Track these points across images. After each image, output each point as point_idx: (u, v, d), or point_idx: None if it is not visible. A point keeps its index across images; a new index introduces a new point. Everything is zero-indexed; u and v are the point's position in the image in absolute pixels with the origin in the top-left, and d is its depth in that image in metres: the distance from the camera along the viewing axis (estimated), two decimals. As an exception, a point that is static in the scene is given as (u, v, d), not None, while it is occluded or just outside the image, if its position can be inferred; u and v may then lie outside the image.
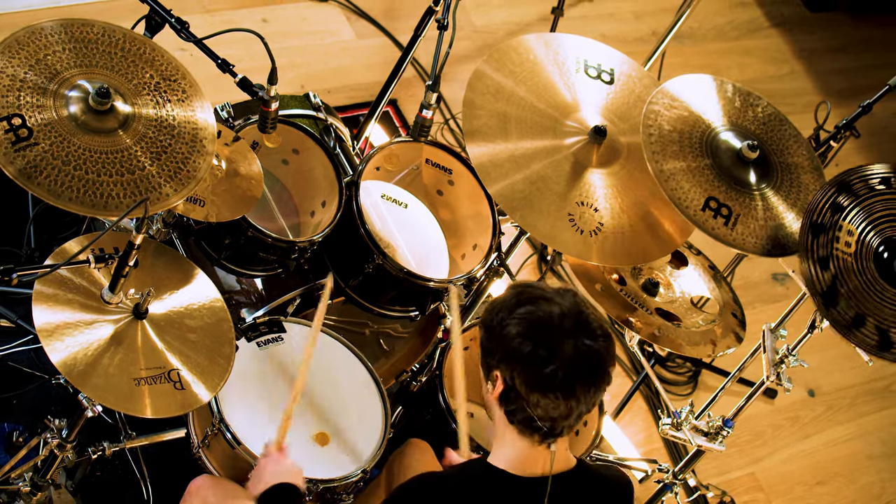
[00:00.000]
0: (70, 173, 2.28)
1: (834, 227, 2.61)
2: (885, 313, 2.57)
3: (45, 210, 3.38)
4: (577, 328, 2.02)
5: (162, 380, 2.39)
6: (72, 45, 2.43)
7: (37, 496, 2.74)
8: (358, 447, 2.75)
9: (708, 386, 4.03)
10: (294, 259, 2.90)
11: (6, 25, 3.81)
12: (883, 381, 4.37)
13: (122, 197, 2.32)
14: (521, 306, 2.04)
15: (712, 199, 2.72)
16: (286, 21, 4.37)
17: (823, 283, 2.55)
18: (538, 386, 2.01)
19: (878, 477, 4.12)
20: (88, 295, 2.40)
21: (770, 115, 2.95)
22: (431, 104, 2.97)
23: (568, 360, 2.00)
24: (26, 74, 2.34)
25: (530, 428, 2.06)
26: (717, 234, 2.69)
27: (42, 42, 2.40)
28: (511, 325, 2.03)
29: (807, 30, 5.46)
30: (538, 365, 2.00)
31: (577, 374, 2.01)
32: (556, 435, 2.08)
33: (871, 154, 5.03)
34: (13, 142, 2.26)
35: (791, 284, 4.43)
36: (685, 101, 2.85)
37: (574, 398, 2.02)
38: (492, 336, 2.07)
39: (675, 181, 2.70)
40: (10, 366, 3.14)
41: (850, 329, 2.54)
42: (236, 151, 2.81)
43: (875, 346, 2.55)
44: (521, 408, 2.05)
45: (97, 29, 2.48)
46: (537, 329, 2.02)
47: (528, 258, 4.09)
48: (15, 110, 2.30)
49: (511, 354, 2.03)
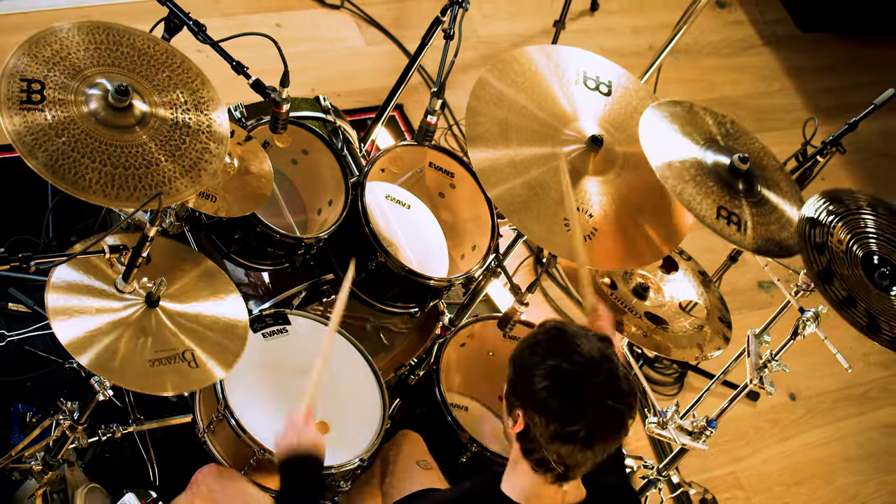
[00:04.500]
0: (88, 165, 2.28)
1: (829, 224, 2.62)
2: (872, 301, 2.56)
3: (63, 200, 3.38)
4: (604, 387, 1.97)
5: (176, 360, 2.39)
6: (93, 45, 2.43)
7: (48, 475, 2.74)
8: (356, 437, 2.75)
9: (693, 387, 4.03)
10: (300, 255, 2.90)
11: (31, 24, 3.81)
12: (861, 387, 4.37)
13: (137, 190, 2.32)
14: (552, 356, 1.99)
15: (722, 209, 2.71)
16: (299, 27, 4.37)
17: (820, 264, 2.55)
18: (558, 439, 1.98)
19: (854, 479, 4.12)
20: (103, 283, 2.41)
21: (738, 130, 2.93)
22: (436, 110, 2.97)
23: (591, 421, 1.96)
24: (50, 70, 2.34)
25: (545, 467, 2.03)
26: (734, 240, 2.67)
27: (65, 41, 2.40)
28: (539, 376, 1.98)
29: (797, 49, 5.46)
30: (562, 422, 1.96)
31: (599, 433, 1.98)
32: (570, 478, 2.05)
33: (857, 169, 5.03)
34: (22, 101, 2.27)
35: (776, 292, 4.43)
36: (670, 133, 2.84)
37: (592, 451, 1.99)
38: (519, 379, 2.03)
39: (686, 193, 2.68)
40: (26, 349, 3.15)
41: (842, 307, 2.53)
42: (248, 150, 2.81)
43: (865, 328, 2.54)
44: (538, 449, 2.02)
45: (119, 31, 2.49)
46: (565, 386, 1.97)
47: (524, 260, 4.09)
48: (41, 78, 2.31)
49: (536, 405, 1.98)
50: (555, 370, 1.98)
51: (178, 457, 3.03)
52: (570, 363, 1.97)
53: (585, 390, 1.96)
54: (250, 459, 2.62)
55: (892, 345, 2.55)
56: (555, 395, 1.97)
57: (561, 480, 2.05)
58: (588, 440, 1.97)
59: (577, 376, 1.97)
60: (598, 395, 1.97)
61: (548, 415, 1.97)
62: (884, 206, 2.72)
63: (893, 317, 2.57)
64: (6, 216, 3.40)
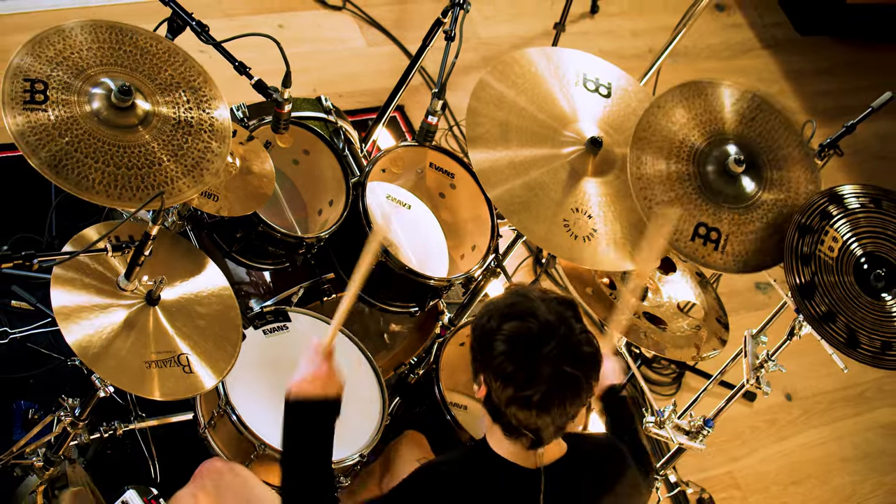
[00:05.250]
0: (91, 165, 2.28)
1: (820, 230, 2.61)
2: (857, 315, 2.57)
3: (66, 199, 3.38)
4: (560, 351, 1.96)
5: (171, 363, 2.39)
6: (97, 45, 2.43)
7: (49, 471, 2.74)
8: (356, 433, 2.75)
9: (691, 387, 4.03)
10: (301, 254, 2.90)
11: (34, 23, 3.81)
12: (857, 387, 4.37)
13: (140, 190, 2.32)
14: (509, 319, 1.99)
15: (701, 226, 2.71)
16: (301, 27, 4.37)
17: (802, 276, 2.55)
18: (514, 403, 1.98)
19: (850, 479, 4.12)
20: (104, 280, 2.41)
21: (758, 105, 2.91)
22: (437, 111, 2.98)
23: (545, 384, 1.96)
24: (53, 70, 2.34)
25: (515, 433, 2.03)
26: (707, 262, 2.68)
27: (69, 41, 2.40)
28: (498, 341, 1.98)
29: (796, 52, 5.46)
30: (516, 387, 1.97)
31: (553, 397, 1.97)
32: (543, 444, 2.05)
33: (854, 172, 5.03)
34: (25, 100, 2.27)
35: (773, 293, 4.43)
36: (667, 123, 2.83)
37: (549, 415, 1.99)
38: (480, 344, 2.03)
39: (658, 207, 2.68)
40: (29, 346, 3.15)
41: (820, 323, 2.53)
42: (250, 150, 2.82)
43: (843, 343, 2.54)
44: (503, 415, 2.02)
45: (122, 30, 2.49)
46: (520, 350, 1.97)
47: (523, 260, 4.09)
48: (44, 78, 2.31)
49: (493, 369, 1.99)
50: (510, 335, 1.97)
51: (179, 453, 3.03)
52: (526, 328, 1.97)
53: (540, 355, 1.95)
54: (251, 455, 2.62)
55: (872, 360, 2.55)
56: (510, 359, 1.96)
57: (535, 446, 2.04)
58: (543, 404, 1.96)
59: (532, 340, 1.96)
60: (553, 360, 1.95)
61: (503, 379, 1.97)
62: (888, 200, 2.71)
63: (877, 327, 2.57)
64: (10, 214, 3.40)
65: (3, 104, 2.25)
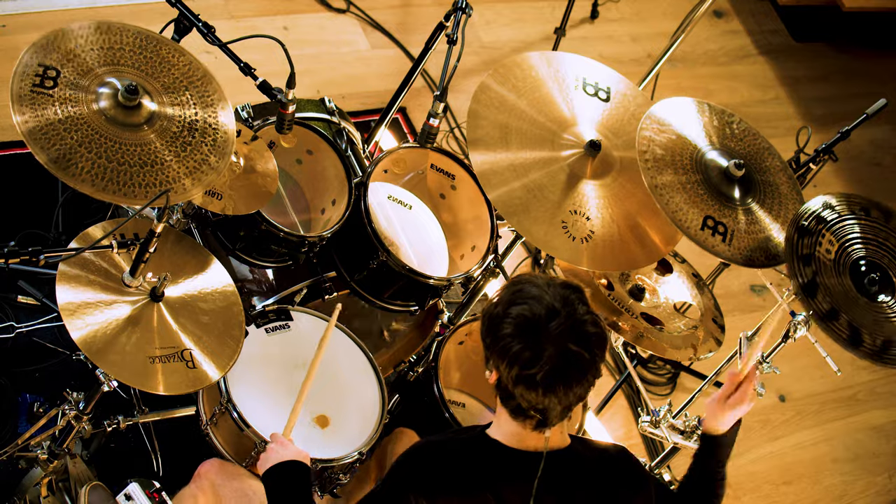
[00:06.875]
0: (96, 163, 2.28)
1: (818, 233, 2.61)
2: (856, 313, 2.56)
3: (73, 196, 3.38)
4: (565, 331, 2.01)
5: (175, 359, 2.39)
6: (105, 44, 2.43)
7: (53, 463, 2.74)
8: (356, 431, 2.75)
9: (686, 387, 4.03)
10: (304, 253, 2.90)
11: (44, 23, 3.81)
12: (850, 389, 4.37)
13: (145, 187, 2.32)
14: (515, 305, 2.05)
15: (709, 218, 2.71)
16: (306, 30, 4.37)
17: (805, 276, 2.55)
18: (521, 382, 2.03)
19: (842, 479, 4.12)
20: (109, 277, 2.40)
21: (744, 130, 2.94)
22: (438, 113, 2.97)
23: (550, 364, 2.00)
24: (62, 68, 2.34)
25: (523, 415, 2.08)
26: (717, 252, 2.68)
27: (77, 40, 2.40)
28: (505, 324, 2.04)
29: (792, 58, 5.46)
30: (521, 366, 2.01)
31: (558, 376, 2.01)
32: (549, 425, 2.09)
33: (848, 177, 5.03)
34: (35, 84, 2.28)
35: (768, 296, 4.43)
36: (672, 124, 2.83)
37: (555, 395, 2.03)
38: (489, 329, 2.08)
39: (673, 203, 2.69)
40: (35, 341, 3.15)
41: (824, 320, 2.53)
42: (254, 150, 2.81)
43: (846, 341, 2.54)
44: (511, 395, 2.06)
45: (130, 31, 2.48)
46: (525, 330, 2.02)
47: (522, 261, 4.08)
48: (58, 66, 2.32)
49: (501, 351, 2.04)
50: (517, 319, 2.03)
51: (181, 448, 3.04)
52: (532, 310, 2.02)
53: (544, 334, 2.00)
54: (251, 452, 2.62)
55: (872, 358, 2.55)
56: (516, 339, 2.02)
57: (541, 427, 2.09)
58: (548, 383, 2.01)
59: (537, 321, 2.01)
60: (557, 339, 2.00)
61: (510, 360, 2.02)
62: (878, 210, 2.72)
63: (876, 327, 2.56)
64: (17, 211, 3.40)
65: (12, 102, 2.25)
